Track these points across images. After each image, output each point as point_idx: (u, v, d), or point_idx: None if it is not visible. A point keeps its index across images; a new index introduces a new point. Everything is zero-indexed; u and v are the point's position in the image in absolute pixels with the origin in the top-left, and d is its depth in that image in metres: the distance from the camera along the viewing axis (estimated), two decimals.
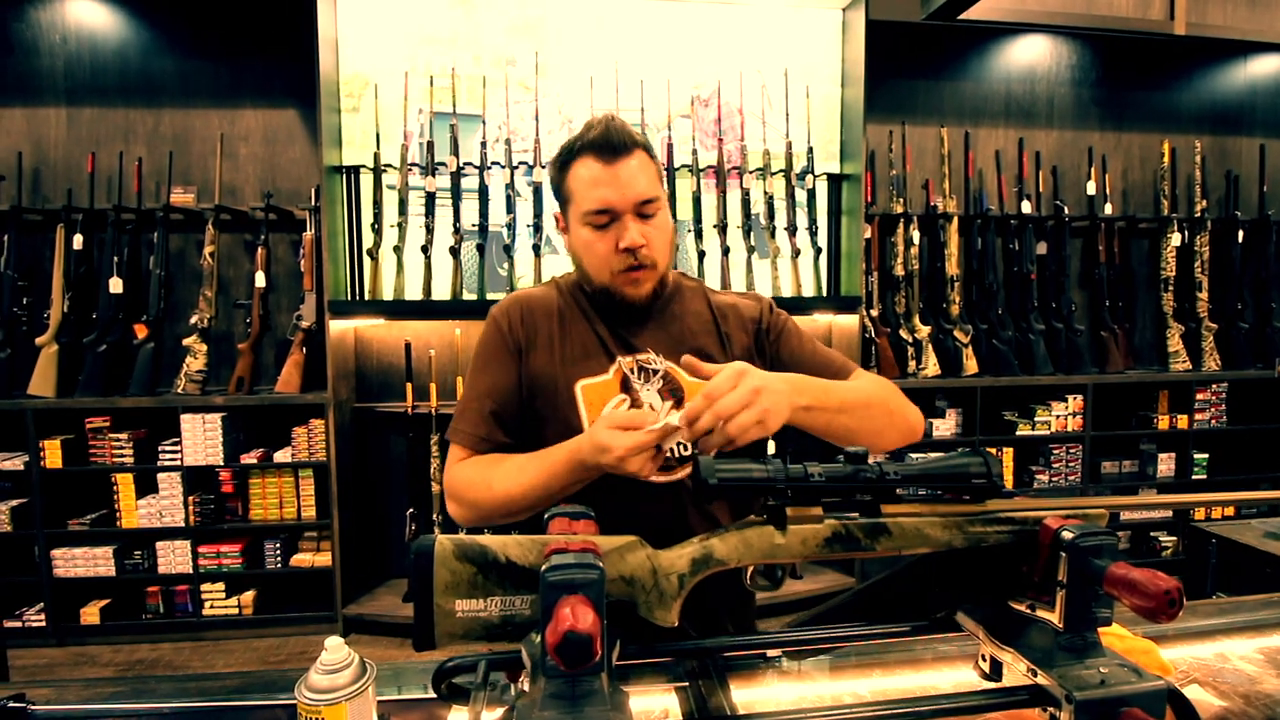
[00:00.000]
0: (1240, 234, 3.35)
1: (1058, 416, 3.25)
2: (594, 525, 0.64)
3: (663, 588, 0.63)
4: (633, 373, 1.00)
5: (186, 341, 2.85)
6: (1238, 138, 3.53)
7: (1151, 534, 3.43)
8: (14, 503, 2.77)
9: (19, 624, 2.78)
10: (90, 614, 2.82)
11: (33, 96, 2.90)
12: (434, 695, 0.67)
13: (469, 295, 2.98)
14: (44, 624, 2.79)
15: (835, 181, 3.24)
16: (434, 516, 2.96)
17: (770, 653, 0.82)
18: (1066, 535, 0.60)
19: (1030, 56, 3.36)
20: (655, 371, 1.00)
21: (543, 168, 2.95)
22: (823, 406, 0.87)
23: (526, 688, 0.60)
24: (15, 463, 2.76)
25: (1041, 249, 3.25)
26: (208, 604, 2.88)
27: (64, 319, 2.79)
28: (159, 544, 2.84)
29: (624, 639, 0.62)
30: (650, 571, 0.62)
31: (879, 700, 0.68)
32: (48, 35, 2.89)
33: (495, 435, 1.01)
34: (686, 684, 0.78)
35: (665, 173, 1.06)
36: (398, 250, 2.91)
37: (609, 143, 0.92)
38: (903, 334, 3.18)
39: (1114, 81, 3.41)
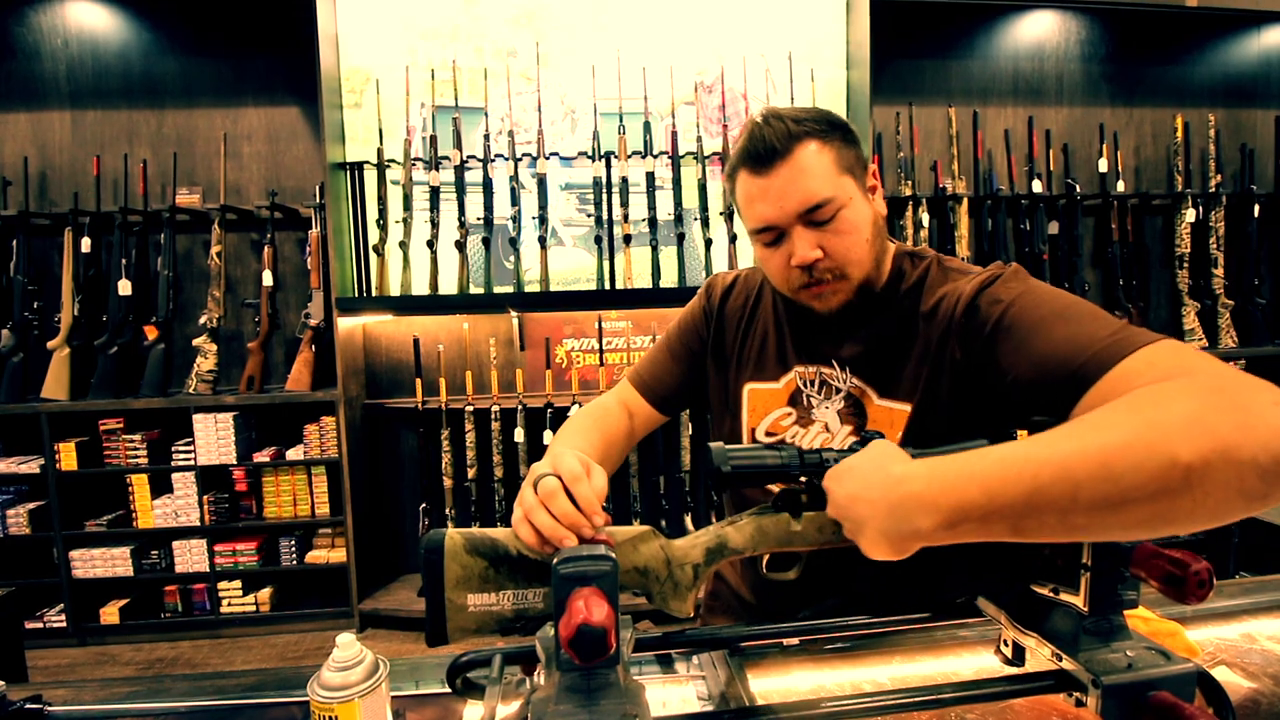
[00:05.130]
0: (1256, 208, 3.29)
1: None
2: (607, 517, 0.64)
3: (677, 578, 0.62)
4: (809, 385, 0.91)
5: (196, 342, 2.86)
6: (1252, 110, 3.46)
7: None
8: (31, 505, 2.80)
9: (40, 624, 2.81)
10: (110, 614, 2.85)
11: (36, 101, 2.91)
12: (450, 690, 0.67)
13: (475, 289, 2.98)
14: (65, 624, 2.82)
15: None
16: (446, 511, 2.97)
17: (787, 641, 0.81)
18: None
19: (1038, 33, 3.30)
20: (837, 390, 0.89)
21: (546, 159, 2.94)
22: (976, 524, 0.51)
23: (541, 681, 0.59)
24: (31, 466, 2.79)
25: (1053, 228, 3.21)
26: (225, 602, 2.91)
27: (75, 322, 2.81)
28: (175, 543, 2.86)
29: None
30: (664, 562, 0.62)
31: (900, 688, 0.67)
32: (49, 39, 2.89)
33: (658, 388, 1.05)
34: (704, 674, 0.77)
35: (851, 155, 0.81)
36: (403, 246, 2.90)
37: (756, 151, 0.80)
38: None
39: (1124, 56, 3.35)
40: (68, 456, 2.76)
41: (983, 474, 0.50)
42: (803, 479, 0.63)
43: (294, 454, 2.91)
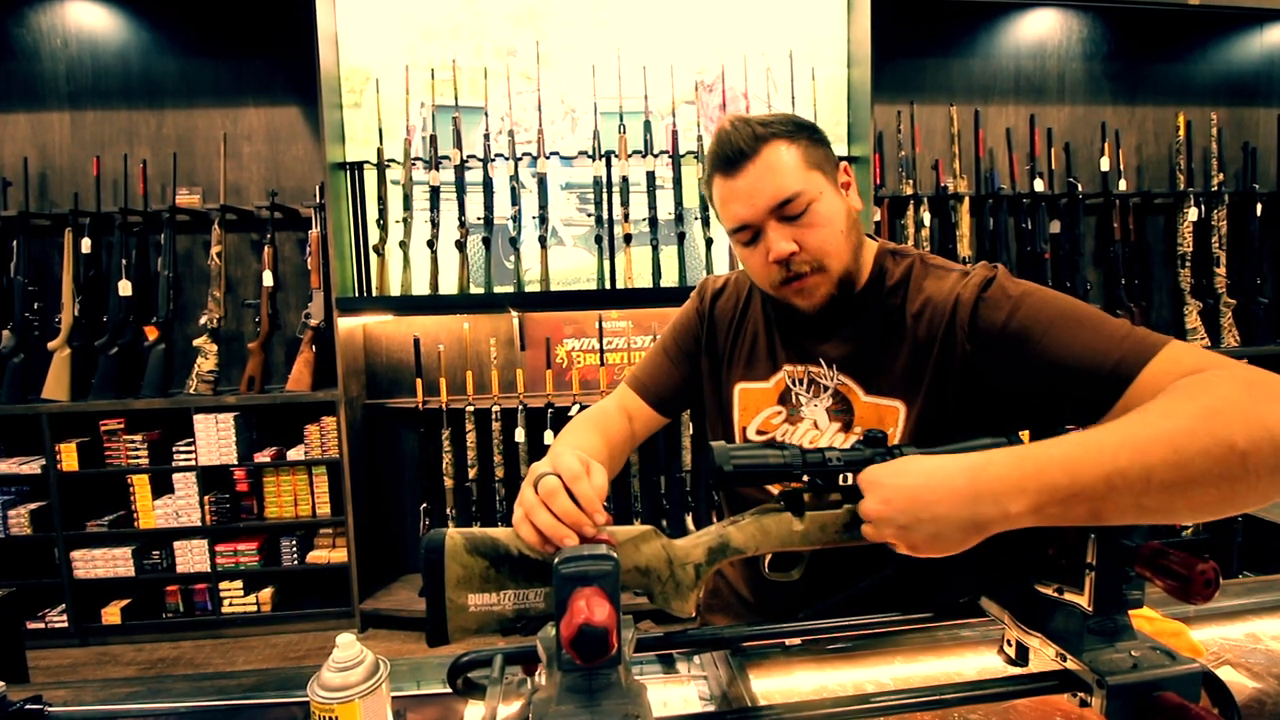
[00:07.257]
0: (1259, 207, 3.28)
1: None
2: (608, 516, 0.63)
3: (679, 578, 0.61)
4: (798, 384, 0.92)
5: (197, 342, 2.86)
6: (1254, 109, 3.45)
7: None
8: (32, 506, 2.80)
9: (42, 625, 2.81)
10: (111, 614, 2.85)
11: (36, 101, 2.91)
12: (451, 690, 0.67)
13: (476, 289, 2.97)
14: (66, 625, 2.82)
15: None
16: (447, 511, 2.97)
17: (789, 642, 0.81)
18: None
19: (1040, 31, 3.29)
20: (825, 387, 0.90)
21: (547, 158, 2.94)
22: (1059, 506, 0.53)
23: (543, 681, 0.59)
24: (32, 466, 2.79)
25: (1055, 227, 3.20)
26: (226, 602, 2.91)
27: (75, 323, 2.80)
28: (176, 544, 2.86)
29: None
30: (665, 562, 0.61)
31: (903, 688, 0.66)
32: (49, 40, 2.89)
33: (657, 389, 1.05)
34: (706, 674, 0.77)
35: (819, 153, 0.83)
36: (403, 245, 2.90)
37: (725, 155, 0.82)
38: None
39: (1126, 55, 3.34)
40: (69, 457, 2.76)
41: (1063, 457, 0.53)
42: (805, 478, 0.62)
43: (295, 454, 2.91)
